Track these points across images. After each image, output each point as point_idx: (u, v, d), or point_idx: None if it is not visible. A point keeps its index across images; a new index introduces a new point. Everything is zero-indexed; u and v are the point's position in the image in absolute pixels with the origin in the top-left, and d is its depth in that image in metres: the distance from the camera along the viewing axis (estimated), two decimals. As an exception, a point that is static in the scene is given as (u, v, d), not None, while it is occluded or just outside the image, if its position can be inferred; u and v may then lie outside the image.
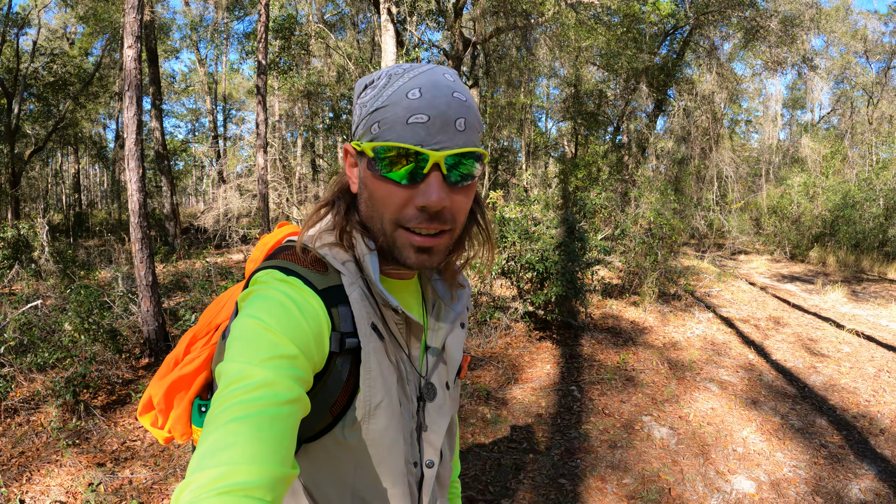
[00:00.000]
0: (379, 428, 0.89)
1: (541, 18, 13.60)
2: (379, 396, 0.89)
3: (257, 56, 10.69)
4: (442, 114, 0.82)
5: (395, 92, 0.84)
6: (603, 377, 5.83)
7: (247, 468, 0.62)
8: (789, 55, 15.28)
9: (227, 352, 0.76)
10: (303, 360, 0.77)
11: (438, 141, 0.82)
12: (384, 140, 0.84)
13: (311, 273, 0.88)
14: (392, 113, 0.83)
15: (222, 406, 0.68)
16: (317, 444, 0.91)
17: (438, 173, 0.84)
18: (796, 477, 3.96)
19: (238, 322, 0.79)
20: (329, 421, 0.88)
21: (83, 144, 25.44)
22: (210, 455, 0.63)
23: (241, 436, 0.65)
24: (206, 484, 0.60)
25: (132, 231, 5.85)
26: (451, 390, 1.07)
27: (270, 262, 0.91)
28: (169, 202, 16.32)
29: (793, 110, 36.99)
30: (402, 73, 0.87)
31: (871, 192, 16.39)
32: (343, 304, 0.88)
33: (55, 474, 3.82)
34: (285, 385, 0.72)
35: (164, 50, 24.62)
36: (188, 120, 33.19)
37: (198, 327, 1.07)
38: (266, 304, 0.80)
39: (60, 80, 17.46)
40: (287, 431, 0.69)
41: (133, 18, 5.73)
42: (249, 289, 0.86)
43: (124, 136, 5.82)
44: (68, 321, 6.01)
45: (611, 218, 9.38)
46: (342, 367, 0.87)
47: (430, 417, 1.01)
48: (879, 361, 6.50)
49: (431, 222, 0.86)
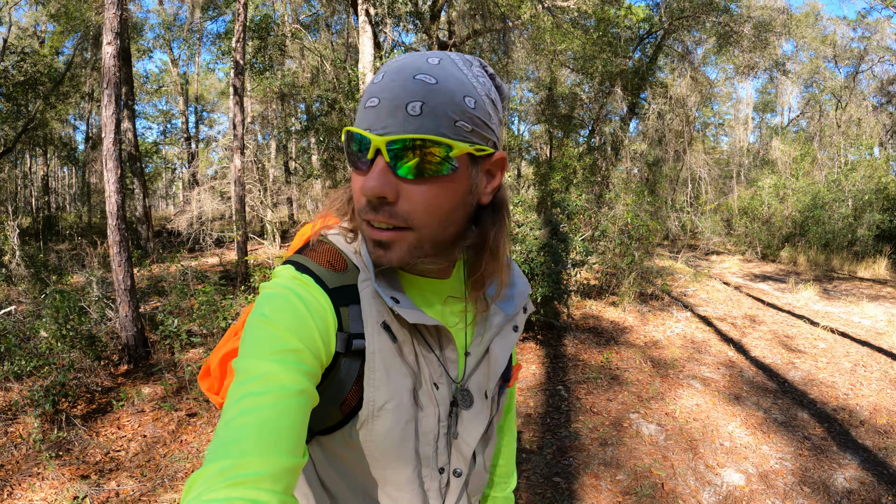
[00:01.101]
0: (383, 430, 0.87)
1: (517, 21, 13.71)
2: (383, 398, 0.86)
3: (234, 56, 10.59)
4: (394, 97, 0.76)
5: (372, 78, 0.82)
6: (588, 376, 5.89)
7: (254, 460, 0.64)
8: (761, 60, 15.57)
9: (240, 347, 0.78)
10: (308, 355, 0.77)
11: (385, 125, 0.77)
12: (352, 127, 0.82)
13: (326, 271, 0.87)
14: (361, 101, 0.81)
15: (232, 399, 0.71)
16: (330, 439, 0.91)
17: (382, 160, 0.78)
18: (783, 468, 4.06)
19: (249, 319, 0.81)
20: (340, 418, 0.88)
21: (53, 146, 24.97)
22: (221, 447, 0.65)
23: (249, 428, 0.67)
24: (215, 475, 0.62)
25: (110, 234, 5.70)
26: (490, 399, 1.00)
27: (294, 256, 0.91)
28: (142, 205, 16.05)
29: (763, 113, 37.66)
30: (390, 60, 0.83)
31: (840, 193, 16.71)
32: (355, 303, 0.87)
33: (38, 488, 3.69)
34: (291, 377, 0.73)
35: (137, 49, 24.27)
36: (159, 121, 32.77)
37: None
38: (273, 302, 0.81)
39: (31, 80, 17.09)
40: (295, 422, 0.70)
41: (113, 14, 5.62)
42: (267, 283, 0.87)
43: (102, 136, 5.68)
44: (44, 327, 5.86)
45: (591, 219, 9.47)
46: (349, 368, 0.86)
47: (462, 425, 0.96)
48: (855, 356, 6.67)
49: (376, 213, 0.81)
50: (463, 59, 0.83)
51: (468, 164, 0.83)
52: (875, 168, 17.18)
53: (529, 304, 1.10)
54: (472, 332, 0.99)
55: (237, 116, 10.60)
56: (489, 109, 0.83)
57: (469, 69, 0.82)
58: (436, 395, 0.92)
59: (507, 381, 1.08)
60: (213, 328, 6.09)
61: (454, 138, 0.78)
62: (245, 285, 9.07)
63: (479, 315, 0.99)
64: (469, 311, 0.98)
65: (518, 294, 1.05)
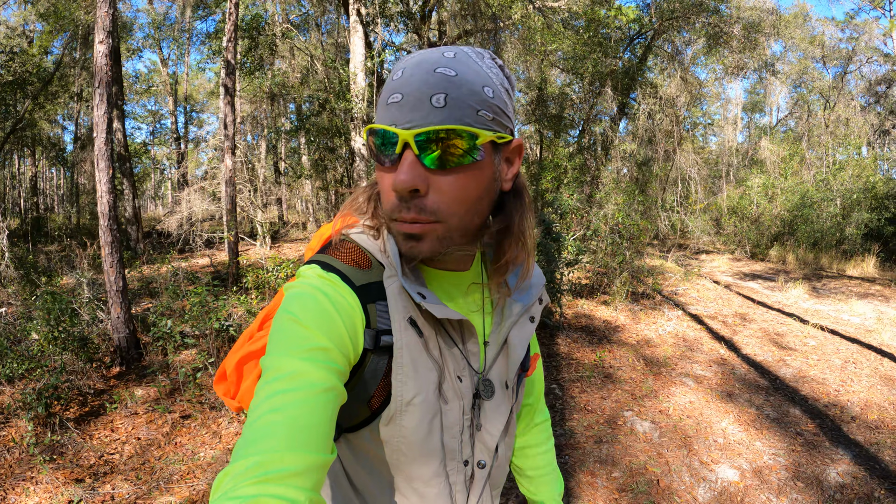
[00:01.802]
0: (411, 425, 0.88)
1: (508, 22, 13.72)
2: (411, 393, 0.87)
3: (226, 55, 10.53)
4: (416, 90, 0.78)
5: (390, 76, 0.84)
6: (582, 375, 5.92)
7: (283, 456, 0.64)
8: (750, 60, 15.67)
9: (268, 346, 0.79)
10: (336, 353, 0.78)
11: (410, 119, 0.78)
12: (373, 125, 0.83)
13: (352, 269, 0.88)
14: (382, 96, 0.83)
15: (261, 397, 0.71)
16: (357, 435, 0.93)
17: (411, 153, 0.79)
18: (776, 464, 4.09)
19: (276, 317, 0.82)
20: (367, 415, 0.89)
21: (41, 146, 24.77)
22: (249, 444, 0.65)
23: (278, 425, 0.67)
24: (244, 472, 0.63)
25: (101, 234, 5.61)
26: (510, 389, 1.02)
27: (317, 255, 0.92)
28: (131, 206, 15.95)
29: (751, 114, 37.87)
30: (406, 57, 0.84)
31: (828, 192, 16.83)
32: (381, 299, 0.88)
33: (32, 492, 3.64)
34: (320, 375, 0.73)
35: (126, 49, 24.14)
36: (148, 122, 32.60)
37: (271, 306, 1.08)
38: (301, 301, 0.81)
39: (19, 80, 16.96)
40: (324, 419, 0.71)
41: (105, 12, 5.56)
42: (293, 283, 0.87)
43: (94, 135, 5.62)
44: (35, 330, 5.81)
45: (583, 219, 9.50)
46: (377, 364, 0.87)
47: (485, 416, 0.98)
48: (845, 353, 6.72)
49: (408, 211, 0.82)
50: (476, 52, 0.85)
51: (491, 151, 0.84)
52: (863, 167, 17.30)
53: (545, 295, 1.11)
54: (490, 322, 1.00)
55: (228, 116, 10.55)
56: (505, 98, 0.85)
57: (482, 61, 0.84)
58: (460, 388, 0.93)
59: (525, 370, 1.08)
60: (205, 329, 6.05)
61: (478, 127, 0.80)
62: (237, 286, 9.04)
63: (497, 305, 1.01)
64: (488, 300, 1.00)
65: (534, 285, 1.06)
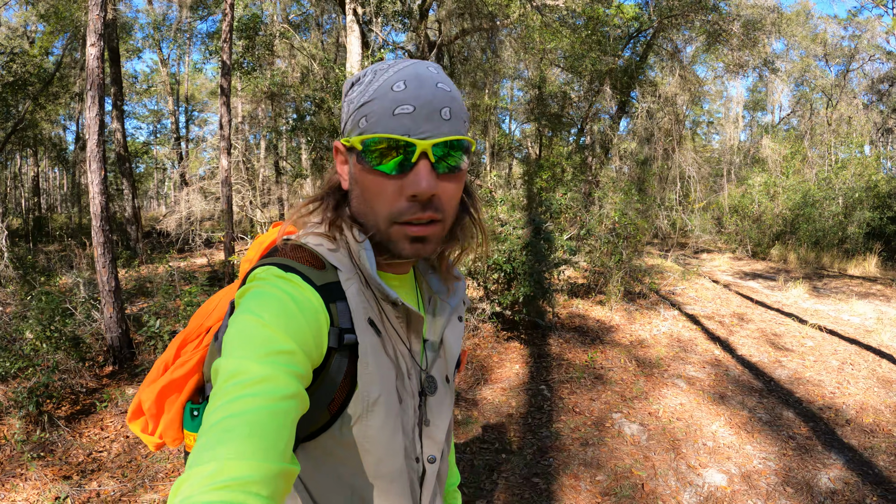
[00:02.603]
0: (376, 424, 0.89)
1: (506, 20, 13.65)
2: (376, 392, 0.89)
3: (221, 56, 10.51)
4: (427, 103, 0.83)
5: (381, 86, 0.86)
6: (572, 376, 5.84)
7: (244, 463, 0.62)
8: (751, 58, 15.54)
9: (225, 348, 0.76)
10: (301, 356, 0.77)
11: (425, 130, 0.83)
12: (372, 133, 0.85)
13: (310, 269, 0.88)
14: (379, 106, 0.85)
15: (220, 402, 0.68)
16: (315, 443, 0.91)
17: (427, 162, 0.85)
18: (766, 469, 4.01)
19: (236, 318, 0.79)
20: (327, 419, 0.88)
21: (43, 146, 24.81)
22: (208, 450, 0.63)
23: (238, 431, 0.64)
24: (203, 479, 0.60)
25: (94, 235, 5.66)
26: (450, 384, 1.08)
27: (268, 259, 0.91)
28: (131, 205, 15.94)
29: (753, 112, 37.65)
30: (386, 68, 0.88)
31: (830, 191, 16.73)
32: (341, 299, 0.89)
33: (20, 489, 3.69)
34: (283, 380, 0.72)
35: (126, 50, 24.13)
36: (150, 121, 32.61)
37: (188, 330, 1.06)
38: (264, 301, 0.80)
39: (20, 80, 16.95)
40: (285, 427, 0.69)
41: (96, 16, 5.56)
42: (248, 285, 0.86)
43: (86, 138, 5.64)
44: (30, 329, 5.82)
45: (576, 218, 9.42)
46: (340, 364, 0.87)
47: (431, 412, 1.02)
48: (842, 354, 6.63)
49: (424, 211, 0.86)
50: (438, 67, 0.91)
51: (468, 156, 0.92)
52: (865, 166, 17.21)
53: (467, 298, 1.18)
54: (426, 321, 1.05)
55: (224, 117, 10.53)
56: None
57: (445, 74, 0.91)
58: (410, 386, 0.98)
59: (457, 366, 1.13)
60: (197, 329, 6.02)
61: (466, 136, 0.89)
62: (231, 285, 8.98)
63: (430, 306, 1.07)
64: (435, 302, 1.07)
65: (459, 287, 1.12)
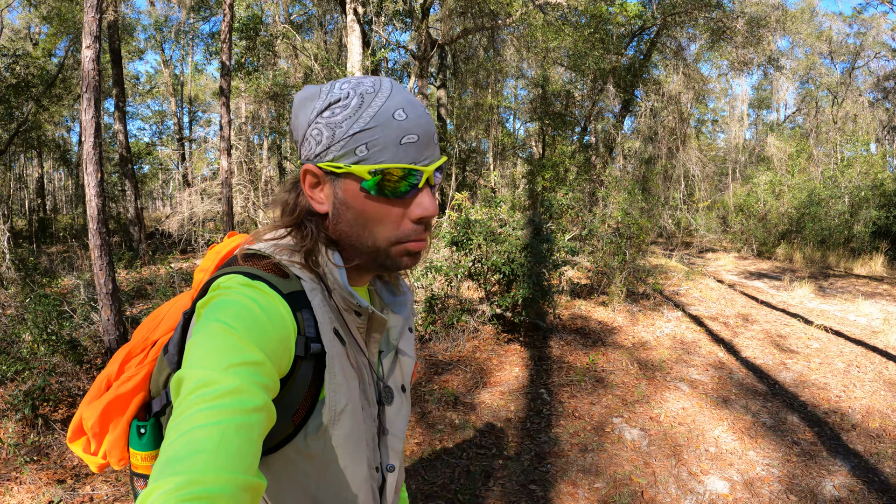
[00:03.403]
0: (343, 433, 0.89)
1: (508, 19, 13.58)
2: (343, 401, 0.89)
3: (221, 57, 10.46)
4: (426, 131, 0.89)
5: (379, 113, 0.86)
6: (573, 379, 5.74)
7: (212, 476, 0.60)
8: (755, 56, 15.43)
9: (190, 357, 0.74)
10: (269, 367, 0.76)
11: (427, 157, 0.89)
12: (378, 161, 0.86)
13: (275, 278, 0.87)
14: (382, 134, 0.85)
15: (187, 412, 0.66)
16: (278, 455, 0.89)
17: (427, 186, 0.90)
18: (769, 475, 3.91)
19: (202, 327, 0.77)
20: (290, 430, 0.87)
21: (47, 148, 24.84)
22: (174, 462, 0.61)
23: (206, 443, 0.63)
24: (169, 491, 0.58)
25: (91, 237, 5.61)
26: (406, 393, 1.10)
27: (230, 268, 0.89)
28: (133, 206, 15.92)
29: (758, 110, 37.53)
30: (373, 91, 0.88)
31: (836, 189, 16.62)
32: (306, 308, 0.88)
33: (14, 492, 3.65)
34: (251, 392, 0.70)
35: (129, 51, 24.12)
36: (153, 122, 32.60)
37: (132, 344, 1.01)
38: (231, 309, 0.78)
39: (23, 82, 16.96)
40: (253, 440, 0.67)
41: (92, 18, 5.51)
42: (212, 294, 0.84)
43: (82, 140, 5.59)
44: (28, 331, 5.78)
45: (578, 218, 9.32)
46: (306, 373, 0.86)
47: (389, 421, 1.04)
48: (848, 356, 6.52)
49: (426, 231, 0.93)
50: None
51: None
52: (871, 164, 17.09)
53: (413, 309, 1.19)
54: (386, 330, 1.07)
55: (224, 117, 10.46)
56: None
57: None
58: (371, 395, 0.99)
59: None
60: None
61: None
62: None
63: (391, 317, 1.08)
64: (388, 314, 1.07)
65: (408, 299, 1.14)
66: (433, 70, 16.67)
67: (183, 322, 0.91)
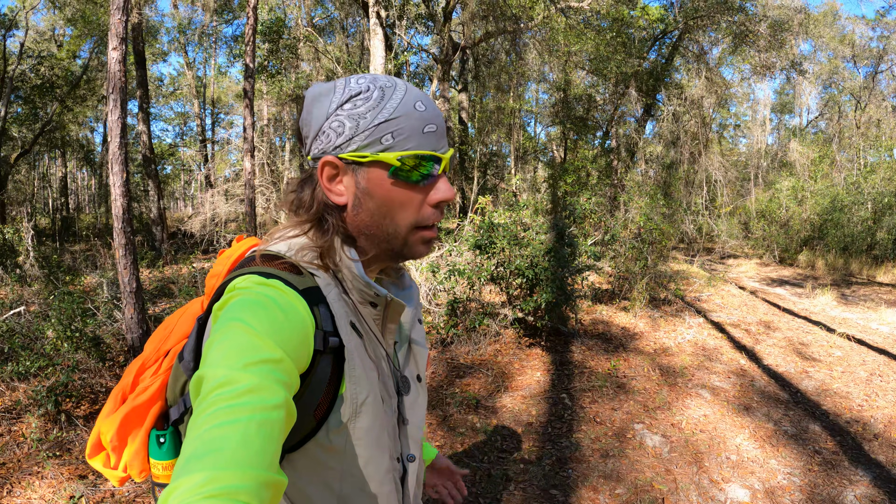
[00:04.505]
0: (365, 426, 0.90)
1: (530, 23, 13.60)
2: (364, 393, 0.90)
3: (245, 59, 10.60)
4: (442, 123, 0.94)
5: (401, 105, 0.90)
6: (594, 384, 5.77)
7: (233, 472, 0.61)
8: (778, 60, 15.33)
9: (209, 356, 0.74)
10: (288, 364, 0.76)
11: (443, 145, 0.95)
12: (404, 149, 0.90)
13: (290, 275, 0.88)
14: (407, 124, 0.90)
15: (207, 411, 0.67)
16: (300, 453, 0.89)
17: (444, 172, 0.97)
18: (791, 484, 3.92)
19: (220, 327, 0.78)
20: (312, 426, 0.87)
21: (70, 147, 25.20)
22: (196, 459, 0.62)
23: (227, 440, 0.63)
24: (191, 488, 0.59)
25: (116, 236, 5.71)
26: (422, 383, 1.13)
27: (244, 269, 0.90)
28: (156, 206, 16.14)
29: (781, 115, 37.21)
30: (391, 86, 0.92)
31: (859, 195, 16.46)
32: (322, 303, 0.89)
33: (36, 486, 3.71)
34: (272, 390, 0.71)
35: (153, 53, 24.44)
36: (176, 124, 32.96)
37: (145, 355, 1.01)
38: (249, 308, 0.79)
39: (48, 83, 17.25)
40: (274, 437, 0.68)
41: (118, 20, 5.61)
42: (228, 295, 0.84)
43: (108, 140, 5.70)
44: (52, 328, 5.89)
45: (601, 223, 9.33)
46: (325, 367, 0.87)
47: (408, 411, 1.06)
48: (871, 365, 6.48)
49: (441, 215, 0.99)
50: None
51: None
52: (895, 170, 16.87)
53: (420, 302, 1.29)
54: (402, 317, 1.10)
55: (247, 119, 10.61)
56: None
57: None
58: (390, 387, 1.01)
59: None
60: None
61: None
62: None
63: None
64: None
65: (414, 292, 1.16)
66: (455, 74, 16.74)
67: (197, 327, 0.91)
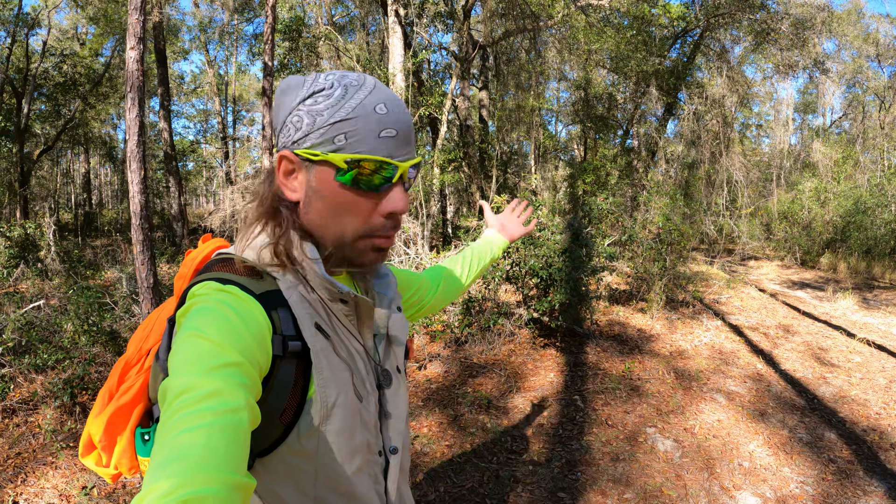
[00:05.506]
0: (336, 428, 0.90)
1: (550, 21, 13.52)
2: (334, 395, 0.90)
3: (264, 57, 10.67)
4: (406, 129, 0.91)
5: (361, 105, 0.88)
6: (607, 386, 5.73)
7: (200, 477, 0.61)
8: (800, 59, 15.12)
9: (171, 367, 0.76)
10: (248, 367, 0.77)
11: (404, 153, 0.92)
12: (354, 152, 0.88)
13: (247, 279, 0.89)
14: (363, 125, 0.88)
15: (172, 419, 0.68)
16: (273, 457, 0.90)
17: (401, 182, 0.93)
18: (803, 493, 3.86)
19: (179, 337, 0.79)
20: (280, 431, 0.88)
21: (93, 144, 25.52)
22: (163, 467, 0.62)
23: (192, 446, 0.64)
24: (160, 496, 0.59)
25: (133, 233, 5.82)
26: (402, 374, 1.12)
27: (204, 275, 0.91)
28: (177, 203, 16.31)
29: (804, 114, 36.70)
30: (357, 85, 0.90)
31: (882, 197, 16.20)
32: (282, 307, 0.89)
33: (50, 476, 3.81)
34: (232, 393, 0.72)
35: (174, 51, 24.66)
36: (198, 121, 33.25)
37: (128, 355, 1.03)
38: (205, 316, 0.80)
39: (70, 81, 17.48)
40: (238, 439, 0.69)
41: (136, 20, 5.69)
42: (188, 303, 0.86)
43: (127, 138, 5.78)
44: (70, 322, 5.98)
45: (618, 223, 9.26)
46: (287, 372, 0.87)
47: (390, 404, 1.05)
48: (891, 372, 6.37)
49: (396, 228, 0.95)
50: None
51: None
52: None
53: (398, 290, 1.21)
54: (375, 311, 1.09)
55: (266, 117, 10.67)
56: None
57: None
58: (368, 382, 1.00)
59: (406, 355, 1.17)
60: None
61: None
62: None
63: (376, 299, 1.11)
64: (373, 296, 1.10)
65: (391, 281, 1.15)
66: (475, 72, 16.70)
67: (168, 329, 0.92)
